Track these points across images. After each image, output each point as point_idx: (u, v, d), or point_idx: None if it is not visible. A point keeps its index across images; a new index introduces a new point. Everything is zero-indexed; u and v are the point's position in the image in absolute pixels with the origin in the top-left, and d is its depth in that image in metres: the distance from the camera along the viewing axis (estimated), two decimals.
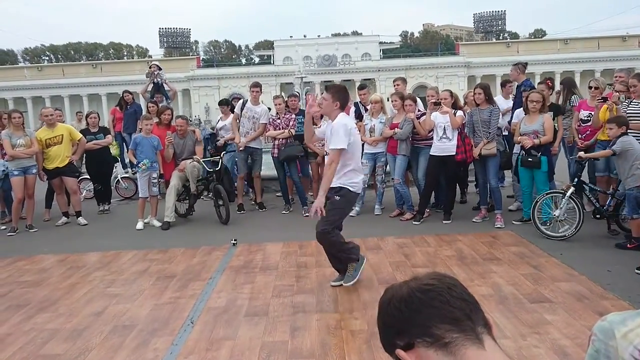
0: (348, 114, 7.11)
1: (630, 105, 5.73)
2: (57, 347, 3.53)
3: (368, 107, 7.36)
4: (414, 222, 6.58)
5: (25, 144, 7.07)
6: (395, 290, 0.94)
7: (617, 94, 5.82)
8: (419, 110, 6.88)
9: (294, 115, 7.65)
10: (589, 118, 6.26)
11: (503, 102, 7.47)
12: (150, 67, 9.98)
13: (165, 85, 10.32)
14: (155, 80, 10.20)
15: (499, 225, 6.14)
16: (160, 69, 10.33)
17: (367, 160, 7.00)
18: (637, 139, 5.56)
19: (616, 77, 6.45)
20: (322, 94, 4.89)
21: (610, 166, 6.14)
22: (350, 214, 6.91)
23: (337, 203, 4.28)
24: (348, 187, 4.28)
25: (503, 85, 8.23)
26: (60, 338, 3.68)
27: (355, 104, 7.85)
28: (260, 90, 7.91)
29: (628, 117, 5.63)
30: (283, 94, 25.27)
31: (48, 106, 9.75)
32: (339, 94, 4.32)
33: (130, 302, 4.34)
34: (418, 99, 7.27)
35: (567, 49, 57.14)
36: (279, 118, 7.64)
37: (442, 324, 0.87)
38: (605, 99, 5.79)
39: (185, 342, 3.52)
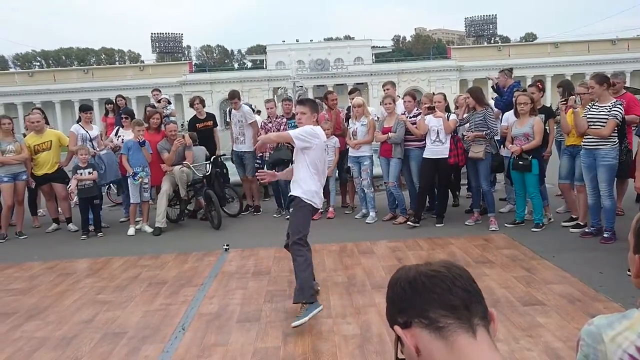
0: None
1: (591, 110, 5.39)
2: (46, 356, 3.48)
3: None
4: (414, 225, 6.49)
5: (15, 150, 7.00)
6: (405, 271, 0.99)
7: (574, 96, 5.63)
8: (417, 109, 6.87)
9: (285, 119, 7.64)
10: None
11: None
12: (159, 101, 9.74)
13: (170, 117, 10.11)
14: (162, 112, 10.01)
15: (493, 228, 6.14)
16: (169, 102, 10.18)
17: (353, 164, 7.03)
18: (596, 147, 5.28)
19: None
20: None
21: (574, 174, 5.99)
22: (367, 221, 6.88)
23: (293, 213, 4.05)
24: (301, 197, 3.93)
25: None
26: (49, 346, 3.63)
27: (349, 108, 7.85)
28: (239, 99, 7.88)
29: (588, 122, 5.32)
30: (275, 97, 25.24)
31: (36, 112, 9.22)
32: (314, 105, 4.13)
33: (121, 309, 4.29)
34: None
35: (558, 52, 57.46)
36: (270, 122, 7.63)
37: (439, 310, 0.91)
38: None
39: (176, 349, 3.49)
